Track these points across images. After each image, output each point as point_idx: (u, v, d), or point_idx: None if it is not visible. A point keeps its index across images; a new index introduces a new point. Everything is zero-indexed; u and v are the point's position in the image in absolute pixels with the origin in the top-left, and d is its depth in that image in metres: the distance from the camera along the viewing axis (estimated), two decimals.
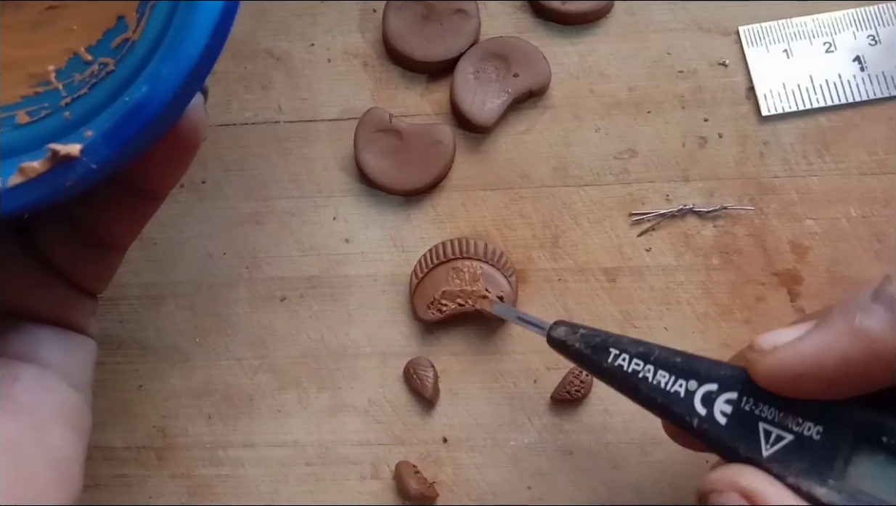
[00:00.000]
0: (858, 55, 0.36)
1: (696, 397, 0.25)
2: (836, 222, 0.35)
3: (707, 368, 0.25)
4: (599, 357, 0.27)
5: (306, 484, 0.35)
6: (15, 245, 0.26)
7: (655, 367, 0.25)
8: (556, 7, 0.38)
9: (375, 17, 0.39)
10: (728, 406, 0.24)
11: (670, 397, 0.25)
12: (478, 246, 0.35)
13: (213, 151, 0.38)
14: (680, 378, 0.25)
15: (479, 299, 0.34)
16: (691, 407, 0.25)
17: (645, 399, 0.26)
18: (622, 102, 0.37)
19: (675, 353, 0.26)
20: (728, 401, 0.24)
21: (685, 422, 0.25)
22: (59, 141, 0.22)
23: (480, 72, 0.37)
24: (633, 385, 0.26)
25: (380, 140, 0.37)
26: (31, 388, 0.24)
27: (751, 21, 0.37)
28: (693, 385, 0.25)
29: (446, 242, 0.36)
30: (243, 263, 0.37)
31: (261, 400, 0.36)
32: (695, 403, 0.25)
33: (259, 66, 0.39)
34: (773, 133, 0.36)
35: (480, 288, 0.34)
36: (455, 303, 0.34)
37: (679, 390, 0.25)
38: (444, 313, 0.35)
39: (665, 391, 0.25)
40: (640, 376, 0.25)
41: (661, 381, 0.25)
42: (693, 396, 0.25)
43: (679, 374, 0.25)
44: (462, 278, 0.35)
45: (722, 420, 0.24)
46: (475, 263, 0.35)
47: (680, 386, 0.25)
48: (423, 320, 0.35)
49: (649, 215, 0.36)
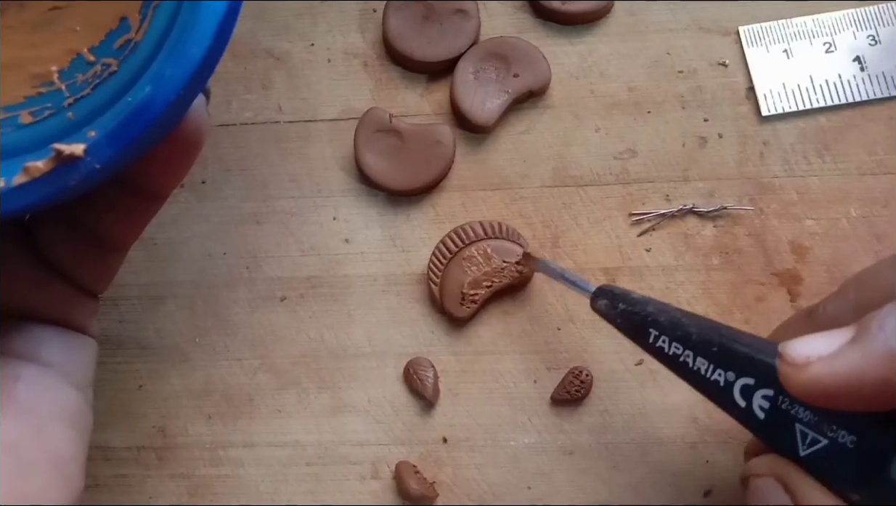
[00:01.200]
0: (858, 55, 0.36)
1: (735, 389, 0.24)
2: (836, 222, 0.35)
3: (745, 357, 0.23)
4: (640, 338, 0.26)
5: (306, 484, 0.35)
6: (17, 245, 0.26)
7: (695, 353, 0.24)
8: (556, 7, 0.38)
9: (375, 17, 0.39)
10: (766, 402, 0.23)
11: (710, 385, 0.24)
12: (475, 228, 0.35)
13: (213, 151, 0.38)
14: (718, 368, 0.24)
15: (525, 258, 0.34)
16: (731, 398, 0.24)
17: (690, 382, 0.25)
18: (622, 102, 0.37)
19: (716, 333, 0.24)
20: (765, 397, 0.23)
21: (727, 410, 0.24)
22: (62, 141, 0.22)
23: (480, 72, 0.37)
24: (676, 367, 0.25)
25: (380, 140, 0.37)
26: (33, 387, 0.24)
27: (751, 21, 0.37)
28: (731, 376, 0.24)
29: (445, 239, 0.36)
30: (243, 263, 0.37)
31: (261, 400, 0.36)
32: (734, 394, 0.24)
33: (259, 66, 0.39)
34: (773, 133, 0.36)
35: (498, 263, 0.35)
36: (484, 288, 0.35)
37: (718, 380, 0.24)
38: (480, 301, 0.35)
39: (705, 379, 0.24)
40: (681, 361, 0.24)
41: (701, 368, 0.24)
42: (732, 387, 0.24)
43: (717, 363, 0.24)
44: (477, 264, 0.35)
45: (760, 415, 0.23)
46: (481, 245, 0.35)
47: (719, 375, 0.24)
48: (463, 318, 0.35)
49: (649, 215, 0.36)
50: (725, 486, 0.33)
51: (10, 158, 0.23)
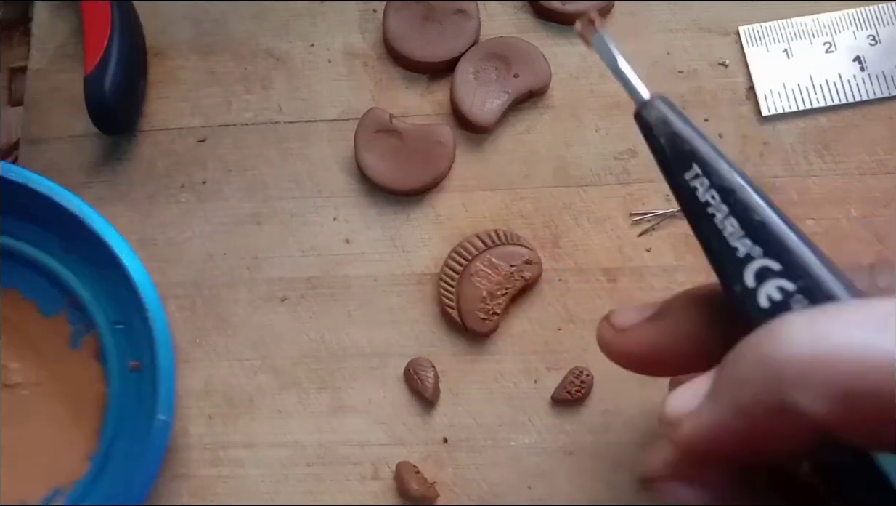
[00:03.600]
0: (858, 55, 0.36)
1: (752, 266, 0.21)
2: (836, 222, 0.35)
3: (782, 243, 0.21)
4: (677, 166, 0.22)
5: (306, 484, 0.35)
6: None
7: (730, 210, 0.21)
8: (556, 7, 0.38)
9: (375, 17, 0.39)
10: (779, 294, 0.20)
11: (726, 249, 0.21)
12: (474, 243, 0.35)
13: (213, 151, 0.38)
14: (748, 237, 0.21)
15: (584, 22, 0.25)
16: (740, 273, 0.21)
17: (701, 235, 0.22)
18: (622, 103, 0.37)
19: (763, 206, 0.21)
20: (782, 289, 0.20)
21: (727, 284, 0.21)
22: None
23: (480, 72, 0.37)
24: (697, 215, 0.22)
25: (380, 140, 0.37)
26: None
27: (751, 21, 0.37)
28: (757, 252, 0.21)
29: (448, 261, 0.35)
30: (243, 264, 0.37)
31: (261, 400, 0.36)
32: (745, 271, 0.21)
33: (259, 67, 0.39)
34: (773, 133, 0.36)
35: (506, 269, 0.34)
36: (501, 298, 0.35)
37: (738, 248, 0.21)
38: (501, 311, 0.35)
39: (724, 241, 0.21)
40: (708, 212, 0.21)
41: (728, 228, 0.21)
42: (750, 262, 0.21)
43: (750, 231, 0.21)
44: (486, 276, 0.35)
45: (764, 303, 0.20)
46: (484, 257, 0.35)
47: (743, 244, 0.21)
48: (487, 332, 0.35)
49: (649, 216, 0.36)
50: None
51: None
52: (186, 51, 0.40)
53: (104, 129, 0.37)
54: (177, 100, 0.39)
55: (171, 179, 0.38)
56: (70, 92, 0.39)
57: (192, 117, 0.39)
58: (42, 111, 0.40)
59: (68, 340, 0.35)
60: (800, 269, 0.20)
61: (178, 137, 0.39)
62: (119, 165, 0.39)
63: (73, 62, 0.40)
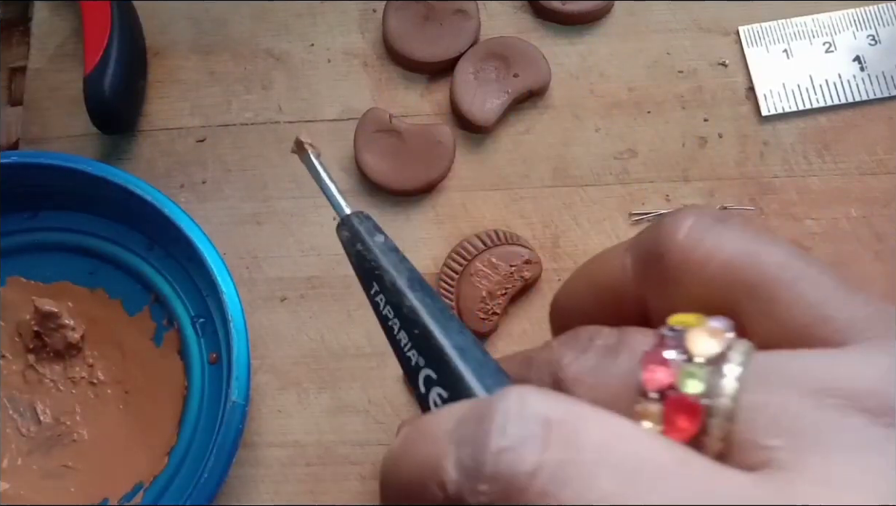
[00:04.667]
0: (858, 55, 0.36)
1: (421, 374, 0.22)
2: (836, 222, 0.35)
3: (437, 353, 0.22)
4: (365, 282, 0.24)
5: (306, 484, 0.35)
6: None
7: (401, 324, 0.23)
8: (556, 7, 0.38)
9: (375, 17, 0.39)
10: (439, 399, 0.22)
11: (404, 358, 0.23)
12: (473, 243, 0.35)
13: (213, 151, 0.38)
14: (414, 348, 0.23)
15: (297, 145, 0.27)
16: (416, 380, 0.22)
17: (390, 344, 0.23)
18: (622, 102, 0.37)
19: (431, 317, 0.23)
20: (440, 395, 0.22)
21: (412, 388, 0.24)
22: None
23: (480, 72, 0.37)
24: (383, 326, 0.23)
25: (380, 140, 0.37)
26: None
27: (751, 21, 0.37)
28: (422, 361, 0.22)
29: (448, 261, 0.35)
30: (243, 263, 0.37)
31: (261, 400, 0.36)
32: (419, 378, 0.22)
33: (259, 67, 0.39)
34: (773, 133, 0.36)
35: (506, 269, 0.35)
36: (500, 298, 0.35)
37: (411, 358, 0.23)
38: (501, 311, 0.35)
39: (402, 351, 0.23)
40: (389, 325, 0.23)
41: (403, 339, 0.23)
42: (419, 370, 0.22)
43: (415, 343, 0.23)
44: (485, 276, 0.35)
45: (433, 407, 0.22)
46: (484, 257, 0.35)
47: (413, 355, 0.23)
48: (487, 332, 0.35)
49: (649, 216, 0.36)
50: None
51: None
52: (186, 51, 0.40)
53: (104, 129, 0.37)
54: (177, 100, 0.39)
55: (171, 179, 0.38)
56: (70, 92, 0.39)
57: (191, 117, 0.39)
58: (42, 111, 0.40)
59: (152, 337, 0.36)
60: (450, 377, 0.22)
61: (177, 137, 0.39)
62: (119, 164, 0.39)
63: (72, 62, 0.40)
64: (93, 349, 0.36)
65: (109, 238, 0.37)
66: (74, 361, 0.35)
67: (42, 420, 0.35)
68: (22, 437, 0.34)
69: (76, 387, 0.35)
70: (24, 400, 0.35)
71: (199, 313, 0.36)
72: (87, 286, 0.36)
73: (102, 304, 0.36)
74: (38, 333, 0.35)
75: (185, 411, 0.35)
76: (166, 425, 0.35)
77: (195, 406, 0.35)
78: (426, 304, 0.23)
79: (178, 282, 0.36)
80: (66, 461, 0.34)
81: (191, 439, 0.34)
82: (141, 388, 0.35)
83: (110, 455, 0.34)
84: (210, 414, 0.34)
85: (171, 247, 0.36)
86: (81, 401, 0.35)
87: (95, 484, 0.34)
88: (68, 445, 0.34)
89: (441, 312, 0.23)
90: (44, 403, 0.35)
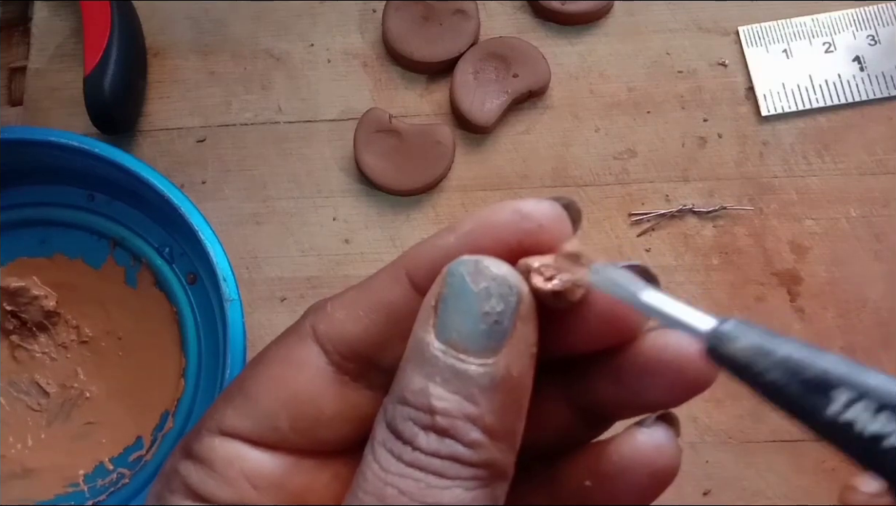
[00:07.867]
0: (858, 55, 0.36)
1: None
2: (836, 222, 0.35)
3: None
4: (815, 403, 0.15)
5: None
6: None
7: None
8: (556, 7, 0.38)
9: (375, 17, 0.39)
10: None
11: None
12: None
13: (213, 151, 0.38)
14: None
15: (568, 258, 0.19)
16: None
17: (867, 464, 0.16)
18: (622, 102, 0.37)
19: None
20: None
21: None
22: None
23: (480, 72, 0.37)
24: (862, 450, 0.15)
25: (380, 140, 0.37)
26: None
27: (751, 21, 0.37)
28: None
29: None
30: (243, 264, 0.37)
31: None
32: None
33: (259, 67, 0.39)
34: (773, 133, 0.36)
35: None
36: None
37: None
38: None
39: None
40: (881, 445, 0.15)
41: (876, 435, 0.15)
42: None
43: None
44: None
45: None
46: None
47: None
48: None
49: (649, 215, 0.36)
50: (725, 486, 0.33)
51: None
52: (186, 51, 0.40)
53: (104, 129, 0.37)
54: (176, 100, 0.39)
55: (171, 179, 0.38)
56: (70, 92, 0.39)
57: (191, 117, 0.39)
58: (42, 111, 0.40)
59: (124, 281, 0.36)
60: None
61: (177, 137, 0.39)
62: None
63: (72, 62, 0.40)
64: (72, 312, 0.36)
65: (48, 202, 0.36)
66: (58, 327, 0.35)
67: (49, 391, 0.35)
68: (35, 412, 0.35)
69: (69, 351, 0.35)
70: (23, 379, 0.35)
71: (162, 243, 0.36)
72: (44, 255, 0.36)
73: (65, 267, 0.36)
74: (12, 312, 0.35)
75: (183, 334, 0.35)
76: (170, 352, 0.35)
77: (191, 326, 0.35)
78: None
79: (131, 221, 0.36)
80: (88, 419, 0.34)
81: (198, 354, 0.35)
82: (132, 330, 0.35)
83: (127, 398, 0.35)
84: (208, 327, 0.35)
85: (111, 190, 0.35)
86: (80, 361, 0.35)
87: (123, 428, 0.34)
88: (83, 404, 0.35)
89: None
90: (44, 375, 0.35)
